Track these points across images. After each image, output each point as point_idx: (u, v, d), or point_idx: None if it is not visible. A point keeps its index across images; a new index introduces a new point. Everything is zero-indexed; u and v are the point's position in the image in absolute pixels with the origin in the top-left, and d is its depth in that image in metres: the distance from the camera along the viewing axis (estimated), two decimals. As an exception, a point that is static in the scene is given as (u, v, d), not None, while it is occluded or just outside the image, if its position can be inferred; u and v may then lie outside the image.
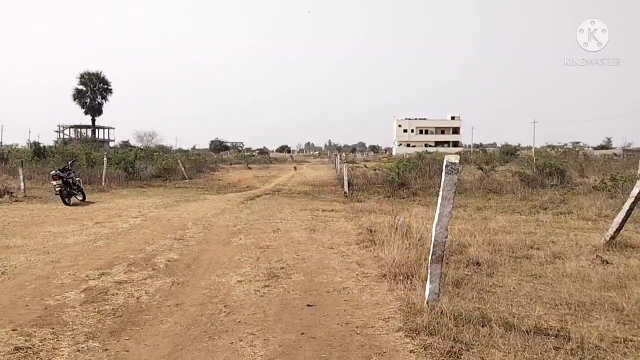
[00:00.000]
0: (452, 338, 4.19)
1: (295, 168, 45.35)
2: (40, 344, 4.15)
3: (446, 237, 4.78)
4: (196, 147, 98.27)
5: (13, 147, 48.31)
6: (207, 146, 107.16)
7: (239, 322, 4.76)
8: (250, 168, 46.17)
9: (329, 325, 4.73)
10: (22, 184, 17.01)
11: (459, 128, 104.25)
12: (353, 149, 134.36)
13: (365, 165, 27.29)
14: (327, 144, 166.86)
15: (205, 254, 7.88)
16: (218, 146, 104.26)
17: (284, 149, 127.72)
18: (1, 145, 61.18)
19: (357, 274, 6.61)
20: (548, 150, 59.59)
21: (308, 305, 5.32)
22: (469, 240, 8.35)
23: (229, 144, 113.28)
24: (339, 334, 4.51)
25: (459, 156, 4.72)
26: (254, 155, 74.58)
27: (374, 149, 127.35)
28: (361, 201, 15.84)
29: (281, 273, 6.63)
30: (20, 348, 4.02)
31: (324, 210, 13.64)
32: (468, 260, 7.01)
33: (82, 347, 4.09)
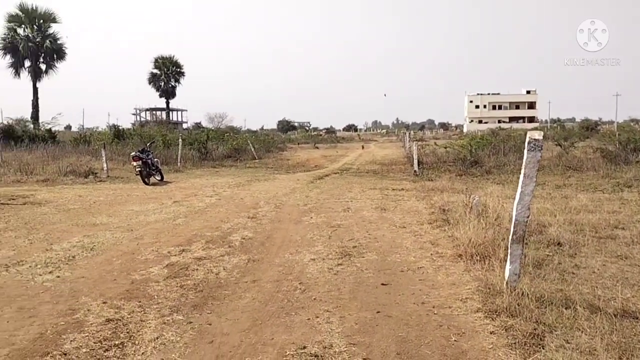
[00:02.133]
0: (534, 320, 4.05)
1: (362, 147, 45.12)
2: (128, 316, 4.38)
3: (528, 217, 4.60)
4: (264, 128, 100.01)
5: (94, 130, 51.03)
6: (274, 126, 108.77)
7: (315, 299, 4.82)
8: (317, 147, 46.42)
9: (405, 304, 4.69)
10: (105, 165, 17.94)
11: (534, 103, 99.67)
12: (422, 127, 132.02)
13: (435, 143, 26.76)
14: (395, 122, 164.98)
15: (278, 232, 8.02)
16: (285, 126, 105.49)
17: (350, 127, 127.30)
18: (84, 129, 64.90)
19: (431, 254, 6.51)
20: (632, 124, 55.88)
21: (382, 284, 5.30)
22: (549, 220, 8.01)
23: (296, 124, 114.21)
24: (415, 313, 4.46)
25: (542, 132, 4.50)
26: (321, 135, 74.92)
27: (444, 126, 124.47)
28: (432, 180, 15.55)
29: (354, 252, 6.64)
30: (111, 320, 4.26)
31: (393, 189, 13.51)
32: (549, 241, 6.73)
33: (167, 320, 4.29)
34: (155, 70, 62.16)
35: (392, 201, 11.28)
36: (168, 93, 63.74)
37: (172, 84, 63.31)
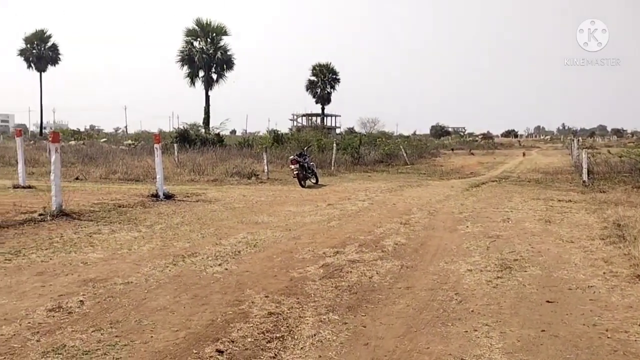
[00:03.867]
0: None
1: (523, 154, 42.52)
2: (288, 311, 4.58)
3: None
4: (416, 133, 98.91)
5: (256, 134, 54.63)
6: (427, 131, 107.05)
7: (472, 311, 4.62)
8: (473, 154, 44.75)
9: (573, 324, 4.30)
10: (265, 167, 19.13)
11: None
12: (592, 133, 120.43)
13: (608, 151, 24.27)
14: (561, 127, 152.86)
15: (432, 239, 7.85)
16: (439, 131, 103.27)
17: (509, 133, 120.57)
18: (247, 133, 69.86)
19: (603, 272, 5.89)
20: None
21: (547, 302, 4.92)
22: None
23: (450, 129, 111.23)
24: (585, 335, 4.07)
25: None
26: (477, 141, 72.12)
27: (618, 132, 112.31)
28: (604, 192, 14.12)
29: (514, 265, 6.26)
30: (272, 313, 4.50)
31: (559, 200, 12.51)
32: None
33: (323, 318, 4.41)
34: (313, 78, 64.81)
35: (557, 213, 10.44)
36: (323, 99, 66.07)
37: (328, 90, 65.46)
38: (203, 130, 36.71)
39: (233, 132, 78.17)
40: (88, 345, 3.72)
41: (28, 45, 62.44)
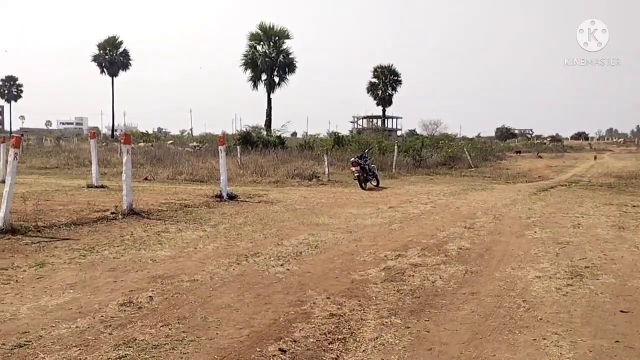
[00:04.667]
0: None
1: (595, 157, 40.61)
2: (349, 313, 4.57)
3: None
4: (481, 135, 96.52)
5: (316, 136, 55.00)
6: (492, 134, 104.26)
7: (540, 319, 4.45)
8: (541, 157, 43.20)
9: (652, 338, 4.05)
10: (326, 169, 19.22)
11: None
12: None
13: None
14: (635, 129, 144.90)
15: (498, 244, 7.62)
16: (504, 134, 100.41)
17: (579, 135, 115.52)
18: (307, 135, 70.43)
19: (685, 283, 5.53)
20: None
21: (621, 311, 4.66)
22: None
23: (516, 131, 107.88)
24: (667, 349, 3.82)
25: None
26: (544, 143, 69.57)
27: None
28: (685, 197, 13.26)
29: (586, 272, 5.97)
30: (334, 315, 4.50)
31: (634, 206, 11.84)
32: None
33: (385, 322, 4.36)
34: (374, 80, 64.64)
35: (632, 219, 9.89)
36: (385, 101, 65.74)
37: (389, 92, 65.12)
38: (265, 133, 37.37)
39: (294, 134, 78.91)
40: (157, 340, 3.86)
41: (101, 51, 65.85)
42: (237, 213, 10.33)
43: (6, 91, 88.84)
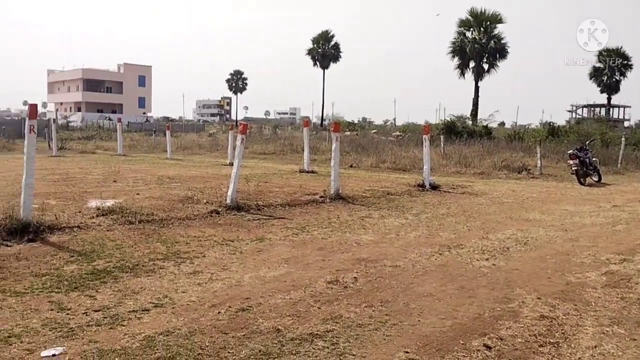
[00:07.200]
0: None
1: None
2: (563, 317, 4.18)
3: None
4: None
5: (527, 127, 51.34)
6: None
7: None
8: None
9: None
10: (538, 162, 17.85)
11: None
12: None
13: None
14: None
15: None
16: None
17: None
18: (517, 125, 66.21)
19: None
20: None
21: None
22: None
23: None
24: None
25: None
26: None
27: None
28: None
29: None
30: (545, 317, 4.15)
31: None
32: None
33: (606, 330, 3.90)
34: (599, 64, 57.94)
35: None
36: (610, 88, 58.66)
37: (617, 77, 57.89)
38: (470, 122, 36.18)
39: (502, 124, 74.78)
40: (361, 319, 3.99)
41: (315, 45, 70.58)
42: (439, 203, 10.18)
43: (234, 84, 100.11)
